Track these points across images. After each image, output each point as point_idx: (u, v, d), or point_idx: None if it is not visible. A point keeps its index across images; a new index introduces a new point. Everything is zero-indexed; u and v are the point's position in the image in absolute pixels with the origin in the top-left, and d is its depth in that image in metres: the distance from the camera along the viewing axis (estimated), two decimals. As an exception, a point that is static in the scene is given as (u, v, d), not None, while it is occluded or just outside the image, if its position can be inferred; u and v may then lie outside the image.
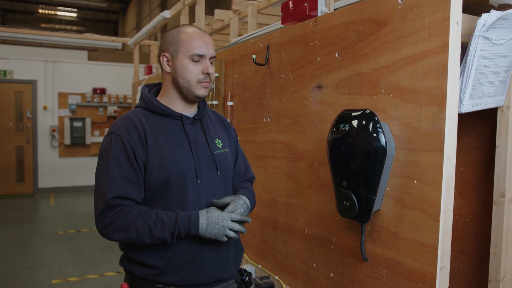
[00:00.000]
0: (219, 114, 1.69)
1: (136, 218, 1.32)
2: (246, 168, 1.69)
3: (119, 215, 1.31)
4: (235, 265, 1.54)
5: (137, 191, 1.37)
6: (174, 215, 1.34)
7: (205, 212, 1.37)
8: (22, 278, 4.18)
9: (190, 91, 1.43)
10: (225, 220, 1.36)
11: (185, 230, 1.33)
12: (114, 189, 1.32)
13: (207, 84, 1.45)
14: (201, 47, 1.42)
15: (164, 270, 1.39)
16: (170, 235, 1.33)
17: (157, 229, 1.31)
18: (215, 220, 1.35)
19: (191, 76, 1.42)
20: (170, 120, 1.45)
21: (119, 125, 1.40)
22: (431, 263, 1.24)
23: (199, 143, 1.46)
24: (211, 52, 1.44)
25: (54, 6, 17.32)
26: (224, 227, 1.36)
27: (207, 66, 1.43)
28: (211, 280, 1.45)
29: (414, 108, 1.30)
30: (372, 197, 1.37)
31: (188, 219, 1.34)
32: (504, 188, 1.45)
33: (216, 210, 1.38)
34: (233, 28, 3.08)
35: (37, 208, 7.66)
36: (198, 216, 1.35)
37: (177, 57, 1.42)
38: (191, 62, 1.41)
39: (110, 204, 1.31)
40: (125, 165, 1.35)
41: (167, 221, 1.33)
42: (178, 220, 1.33)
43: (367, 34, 1.48)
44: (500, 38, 1.30)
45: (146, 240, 1.33)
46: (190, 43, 1.41)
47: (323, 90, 1.72)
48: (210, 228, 1.35)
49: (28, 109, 8.41)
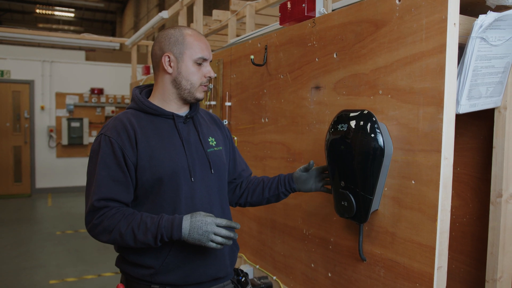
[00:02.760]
0: (210, 113, 1.70)
1: (120, 220, 1.31)
2: (246, 164, 1.74)
3: (104, 217, 1.32)
4: (231, 263, 1.53)
5: (125, 192, 1.36)
6: (157, 218, 1.31)
7: (190, 217, 1.31)
8: (20, 279, 4.17)
9: (192, 93, 1.46)
10: (209, 225, 1.29)
11: (168, 235, 1.30)
12: (101, 191, 1.33)
13: (207, 87, 1.50)
14: (205, 51, 1.45)
15: (160, 270, 1.39)
16: (153, 239, 1.30)
17: (140, 232, 1.30)
18: (199, 225, 1.29)
19: (195, 79, 1.44)
20: (162, 120, 1.45)
21: (109, 127, 1.40)
22: (428, 263, 1.25)
23: (192, 142, 1.46)
24: (211, 56, 1.49)
25: (51, 6, 17.28)
26: (208, 232, 1.29)
27: (209, 70, 1.47)
28: (206, 279, 1.44)
29: (412, 108, 1.31)
30: (370, 197, 1.37)
31: (171, 223, 1.30)
32: (501, 188, 1.46)
33: (203, 214, 1.32)
34: (231, 29, 3.08)
35: (34, 208, 7.64)
36: (182, 220, 1.30)
37: (182, 59, 1.43)
38: (195, 65, 1.44)
39: (95, 206, 1.32)
40: (113, 166, 1.35)
41: (150, 224, 1.30)
42: (161, 224, 1.30)
43: (365, 35, 1.48)
44: (497, 39, 1.31)
45: (130, 243, 1.32)
46: (196, 46, 1.43)
47: (321, 91, 1.72)
48: (193, 233, 1.29)
49: (26, 109, 8.39)
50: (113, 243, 1.36)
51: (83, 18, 19.28)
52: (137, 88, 1.54)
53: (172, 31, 1.45)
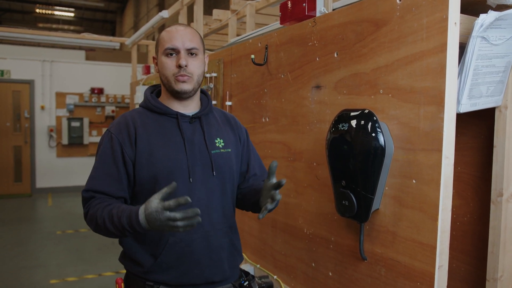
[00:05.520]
0: (227, 114, 1.65)
1: (98, 210, 1.32)
2: (262, 170, 1.64)
3: (90, 207, 1.36)
4: (230, 268, 1.49)
5: (115, 186, 1.39)
6: (122, 213, 1.25)
7: (143, 209, 1.20)
8: (20, 278, 4.18)
9: (170, 86, 1.44)
10: (160, 213, 1.15)
11: (132, 229, 1.23)
12: (91, 182, 1.39)
13: (184, 77, 1.40)
14: (173, 41, 1.40)
15: (153, 269, 1.39)
16: (120, 233, 1.27)
17: (111, 224, 1.27)
18: (154, 217, 1.16)
19: (166, 71, 1.42)
20: (167, 118, 1.46)
21: (114, 123, 1.46)
22: (429, 262, 1.25)
23: (195, 142, 1.45)
24: (187, 44, 1.40)
25: (51, 6, 17.28)
26: (162, 220, 1.14)
27: (179, 58, 1.40)
28: (201, 281, 1.42)
29: (413, 108, 1.31)
30: (371, 197, 1.37)
31: (129, 219, 1.22)
32: (501, 188, 1.46)
33: (155, 202, 1.16)
34: (232, 28, 3.08)
35: (35, 208, 7.64)
36: (138, 214, 1.21)
37: (158, 57, 1.46)
38: (166, 57, 1.42)
39: (83, 196, 1.38)
40: (109, 160, 1.39)
41: (116, 218, 1.25)
42: (123, 221, 1.24)
43: (365, 34, 1.48)
44: (498, 38, 1.31)
45: (105, 233, 1.32)
46: (164, 39, 1.43)
47: (322, 90, 1.72)
48: (152, 225, 1.18)
49: (26, 109, 8.39)
50: (99, 232, 1.36)
51: (83, 17, 19.28)
52: (150, 87, 1.57)
53: None
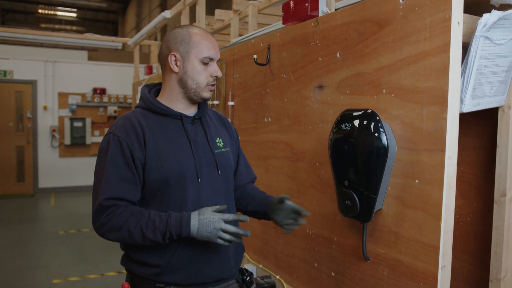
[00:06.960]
0: (219, 113, 1.68)
1: (129, 218, 1.31)
2: (248, 169, 1.69)
3: (112, 215, 1.32)
4: (236, 264, 1.53)
5: (134, 191, 1.37)
6: (166, 216, 1.32)
7: (197, 214, 1.31)
8: (23, 278, 4.19)
9: (198, 93, 1.45)
10: (217, 222, 1.29)
11: (177, 233, 1.30)
12: (109, 190, 1.33)
13: (214, 87, 1.47)
14: (212, 51, 1.43)
15: (165, 270, 1.39)
16: (162, 236, 1.31)
17: (149, 230, 1.30)
18: (207, 223, 1.30)
19: (201, 78, 1.43)
20: (170, 120, 1.45)
21: (118, 126, 1.41)
22: (432, 262, 1.25)
23: (199, 143, 1.46)
24: (219, 55, 1.47)
25: (53, 6, 17.32)
26: (216, 229, 1.29)
27: (216, 69, 1.45)
28: (211, 280, 1.44)
29: (416, 108, 1.31)
30: (373, 197, 1.37)
31: (179, 221, 1.30)
32: (505, 188, 1.46)
33: (210, 211, 1.32)
34: (234, 28, 3.08)
35: (37, 208, 7.66)
36: (190, 218, 1.31)
37: (188, 58, 1.42)
38: (201, 64, 1.42)
39: (103, 205, 1.32)
40: (122, 165, 1.35)
41: (158, 222, 1.30)
42: (169, 222, 1.30)
43: (368, 34, 1.48)
44: (501, 38, 1.31)
45: (138, 241, 1.32)
46: (202, 45, 1.42)
47: (324, 90, 1.72)
48: (201, 230, 1.30)
49: (28, 109, 8.40)
50: (121, 241, 1.36)
51: (85, 18, 19.31)
52: (146, 86, 1.54)
53: (179, 30, 1.45)
